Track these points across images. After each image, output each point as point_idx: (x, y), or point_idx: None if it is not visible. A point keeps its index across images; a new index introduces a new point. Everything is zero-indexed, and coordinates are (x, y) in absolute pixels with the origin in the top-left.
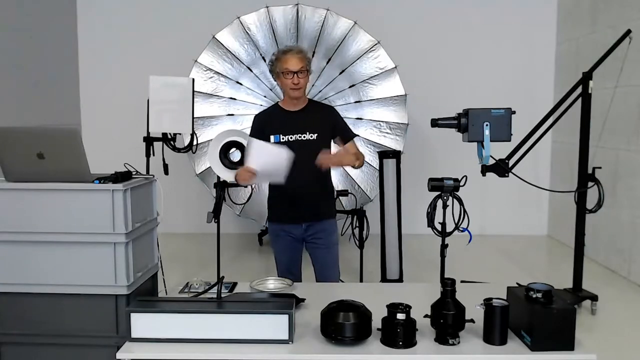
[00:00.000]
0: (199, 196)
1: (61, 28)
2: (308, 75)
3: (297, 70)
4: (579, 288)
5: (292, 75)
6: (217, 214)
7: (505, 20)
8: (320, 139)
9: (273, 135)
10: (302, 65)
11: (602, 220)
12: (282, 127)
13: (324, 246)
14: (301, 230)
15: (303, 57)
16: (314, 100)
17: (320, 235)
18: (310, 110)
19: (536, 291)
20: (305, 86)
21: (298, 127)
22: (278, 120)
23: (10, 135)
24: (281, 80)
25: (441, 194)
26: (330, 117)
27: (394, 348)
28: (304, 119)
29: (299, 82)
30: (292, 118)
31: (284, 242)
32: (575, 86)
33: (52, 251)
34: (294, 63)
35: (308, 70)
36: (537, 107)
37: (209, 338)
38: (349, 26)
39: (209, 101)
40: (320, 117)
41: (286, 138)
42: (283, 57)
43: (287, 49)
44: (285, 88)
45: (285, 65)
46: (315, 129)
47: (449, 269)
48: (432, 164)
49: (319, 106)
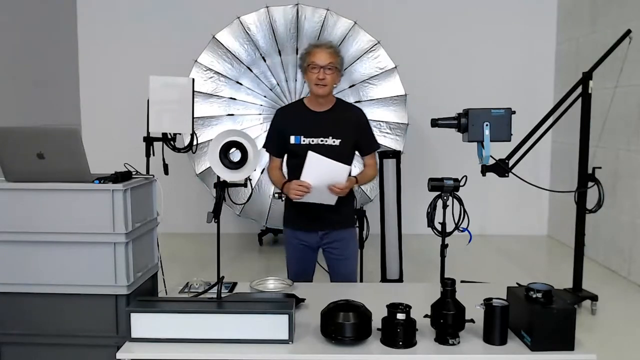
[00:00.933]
0: (199, 196)
1: (61, 28)
2: (338, 75)
3: (324, 65)
4: (579, 288)
5: (318, 70)
6: (217, 214)
7: (505, 20)
8: (343, 145)
9: (294, 135)
10: (331, 60)
11: (602, 220)
12: (304, 128)
13: (341, 257)
14: (316, 239)
15: (333, 52)
16: (342, 101)
17: (337, 245)
18: (336, 113)
19: (536, 291)
20: (331, 85)
21: (321, 130)
22: (301, 120)
23: (10, 135)
24: (307, 75)
25: (441, 194)
26: (357, 121)
27: (394, 348)
28: (328, 121)
29: (324, 77)
30: (316, 119)
31: (296, 250)
32: (575, 86)
33: (52, 251)
34: (322, 57)
35: (338, 69)
36: (537, 107)
37: (209, 338)
38: (349, 26)
39: (209, 101)
40: (346, 121)
41: (307, 141)
42: (313, 50)
43: (318, 43)
44: (311, 84)
45: (312, 59)
46: (339, 133)
47: (449, 269)
48: (432, 164)
49: (347, 108)
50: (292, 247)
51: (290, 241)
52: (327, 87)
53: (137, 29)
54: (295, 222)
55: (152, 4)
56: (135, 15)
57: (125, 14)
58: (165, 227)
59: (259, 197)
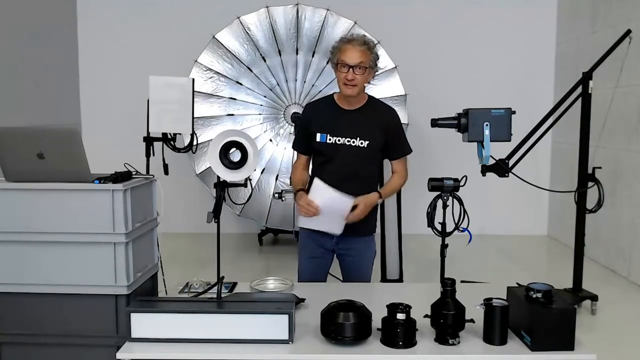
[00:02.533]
0: (199, 196)
1: (61, 28)
2: (370, 73)
3: (354, 65)
4: (579, 288)
5: (347, 69)
6: (217, 214)
7: (505, 20)
8: (371, 148)
9: (320, 133)
10: (363, 60)
11: (602, 220)
12: (331, 126)
13: (355, 265)
14: (332, 243)
15: (366, 50)
16: (375, 99)
17: (353, 253)
18: (366, 112)
19: (536, 291)
20: (362, 85)
21: (349, 130)
22: (328, 117)
23: (10, 135)
24: (337, 72)
25: (441, 194)
26: (388, 121)
27: (394, 348)
28: (357, 121)
29: (354, 78)
30: (345, 118)
31: (311, 252)
32: (575, 86)
33: (52, 251)
34: (352, 56)
35: (371, 68)
36: (537, 107)
37: (209, 338)
38: (349, 26)
39: (209, 101)
40: (376, 120)
41: (333, 140)
42: (343, 46)
43: (350, 38)
44: (339, 83)
45: (342, 57)
46: (368, 135)
47: (449, 269)
48: (432, 164)
49: (378, 107)
50: (308, 247)
51: (305, 242)
52: (356, 88)
53: (137, 29)
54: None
55: (152, 4)
56: (135, 15)
57: (125, 14)
58: (165, 227)
59: (259, 197)
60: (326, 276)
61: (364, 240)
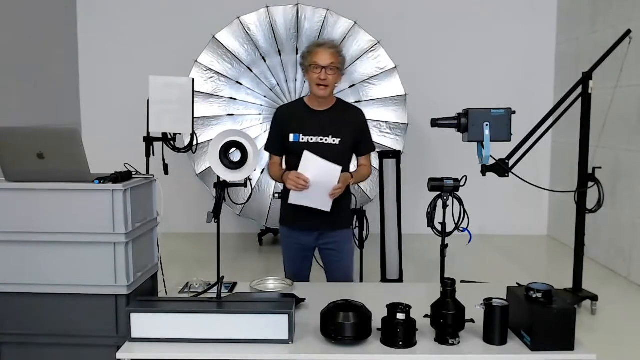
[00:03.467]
0: (199, 196)
1: (61, 28)
2: (339, 75)
3: (326, 66)
4: (579, 288)
5: (319, 70)
6: (217, 214)
7: (505, 20)
8: (343, 145)
9: (292, 133)
10: (333, 61)
11: (602, 220)
12: (303, 126)
13: (336, 259)
14: (312, 239)
15: (335, 53)
16: (342, 101)
17: (333, 246)
18: (336, 112)
19: (536, 291)
20: (333, 86)
21: (321, 129)
22: (300, 119)
23: (10, 135)
24: (309, 74)
25: (441, 194)
26: (356, 121)
27: (394, 348)
28: (328, 120)
29: (326, 78)
30: (316, 118)
31: (293, 250)
32: (575, 86)
33: (52, 251)
34: (324, 57)
35: (340, 69)
36: (537, 107)
37: (209, 338)
38: (349, 26)
39: (209, 101)
40: (346, 120)
41: (306, 139)
42: (315, 50)
43: (321, 42)
44: (311, 84)
45: (314, 59)
46: (338, 133)
47: (449, 269)
48: (432, 164)
49: (347, 108)
50: (288, 246)
51: (286, 240)
52: (328, 88)
53: (137, 29)
54: (292, 221)
55: (152, 4)
56: (135, 15)
57: (125, 14)
58: (165, 227)
59: (259, 197)
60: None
61: (342, 233)
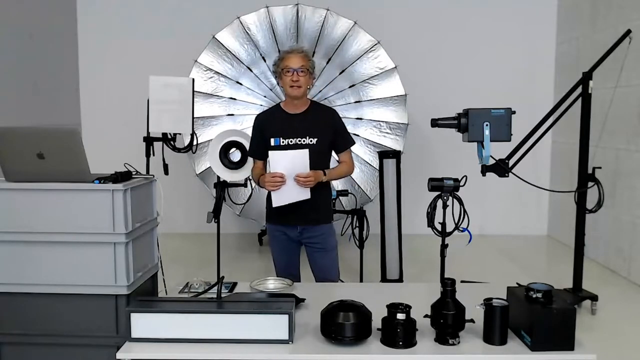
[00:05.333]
0: (199, 196)
1: (61, 28)
2: (310, 77)
3: (297, 68)
4: (579, 288)
5: (291, 73)
6: (217, 214)
7: (505, 20)
8: (320, 144)
9: (273, 138)
10: (303, 63)
11: (602, 220)
12: (282, 130)
13: (321, 250)
14: (296, 233)
15: (304, 56)
16: (316, 102)
17: (317, 239)
18: (311, 114)
19: (536, 291)
20: (305, 86)
21: (298, 131)
22: (278, 123)
23: (10, 135)
24: (282, 79)
25: (441, 194)
26: (331, 120)
27: (394, 348)
28: (304, 122)
29: (298, 79)
30: (293, 121)
31: (280, 243)
32: (575, 86)
33: (52, 251)
34: (294, 61)
35: (310, 72)
36: (537, 107)
37: (209, 338)
38: (349, 26)
39: (209, 101)
40: (321, 120)
41: (286, 141)
42: (286, 56)
43: (290, 49)
44: (285, 87)
45: (286, 63)
46: (315, 133)
47: (449, 269)
48: (432, 164)
49: (321, 109)
50: (276, 240)
51: (273, 235)
52: (301, 89)
53: (137, 29)
54: (276, 217)
55: (152, 4)
56: (135, 15)
57: (125, 14)
58: (165, 227)
59: (259, 197)
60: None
61: (324, 227)
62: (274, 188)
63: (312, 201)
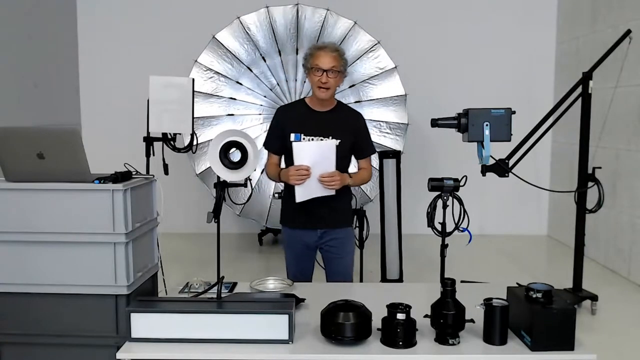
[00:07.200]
0: (199, 196)
1: (61, 28)
2: (341, 77)
3: (328, 69)
4: (579, 288)
5: (321, 73)
6: (217, 214)
7: (505, 20)
8: (343, 146)
9: (294, 133)
10: (335, 64)
11: (602, 220)
12: (304, 126)
13: (337, 255)
14: (316, 237)
15: (337, 56)
16: (343, 103)
17: (335, 243)
18: (337, 113)
19: (536, 291)
20: (334, 88)
21: (322, 129)
22: (301, 118)
23: (10, 135)
24: (310, 76)
25: (441, 194)
26: (357, 123)
27: (394, 348)
28: (329, 121)
29: (327, 81)
30: (317, 118)
31: (295, 251)
32: (575, 86)
33: (52, 251)
34: (325, 61)
35: (341, 72)
36: (537, 107)
37: (209, 338)
38: (349, 26)
39: (209, 101)
40: (346, 122)
41: (307, 138)
42: (316, 52)
43: (322, 45)
44: (313, 86)
45: (316, 61)
46: (339, 134)
47: (449, 269)
48: (432, 164)
49: (347, 110)
50: (291, 246)
51: (288, 240)
52: (329, 91)
53: (137, 29)
54: (293, 220)
55: (152, 4)
56: (135, 15)
57: (125, 13)
58: (165, 227)
59: (259, 197)
60: (312, 271)
61: (344, 231)
62: (299, 182)
63: (333, 203)
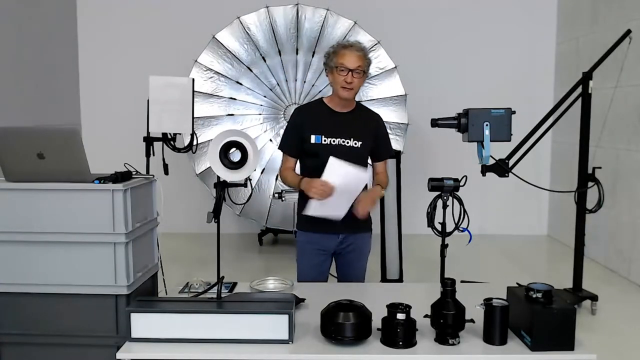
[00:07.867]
0: (199, 196)
1: (61, 28)
2: (364, 77)
3: (354, 69)
4: (579, 288)
5: (346, 73)
6: (217, 214)
7: (505, 20)
8: (364, 148)
9: (314, 135)
10: (360, 64)
11: (602, 220)
12: (325, 127)
13: (355, 260)
14: (336, 242)
15: (363, 56)
16: (362, 104)
17: (353, 248)
18: (357, 115)
19: (536, 291)
20: (358, 88)
21: (343, 131)
22: (322, 119)
23: (10, 135)
24: (333, 75)
25: (441, 194)
26: (376, 126)
27: (394, 348)
28: (350, 123)
29: (352, 81)
30: (338, 120)
31: (311, 258)
32: (575, 86)
33: (52, 251)
34: (351, 60)
35: (365, 72)
36: (537, 107)
37: (209, 338)
38: (349, 26)
39: (209, 101)
40: (367, 124)
41: (329, 141)
42: (341, 51)
43: (348, 44)
44: (336, 86)
45: (341, 60)
46: (360, 136)
47: (449, 269)
48: (432, 164)
49: (367, 112)
50: (306, 252)
51: (304, 247)
52: (352, 91)
53: (137, 29)
54: (313, 224)
55: (152, 4)
56: (135, 15)
57: (125, 14)
58: (165, 227)
59: (259, 197)
60: (327, 278)
61: (363, 236)
62: (320, 198)
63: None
